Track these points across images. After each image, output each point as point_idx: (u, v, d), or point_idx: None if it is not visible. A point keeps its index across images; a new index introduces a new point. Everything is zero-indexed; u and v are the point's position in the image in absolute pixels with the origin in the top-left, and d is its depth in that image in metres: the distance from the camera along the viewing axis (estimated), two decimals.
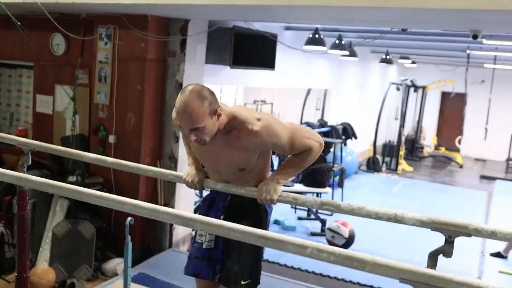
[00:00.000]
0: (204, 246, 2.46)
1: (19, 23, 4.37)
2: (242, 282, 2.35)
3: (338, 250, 1.46)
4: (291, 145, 2.26)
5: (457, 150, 13.74)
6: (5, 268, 4.44)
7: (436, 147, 14.78)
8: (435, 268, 1.88)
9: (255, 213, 2.42)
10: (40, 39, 5.15)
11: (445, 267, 4.99)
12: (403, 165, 11.66)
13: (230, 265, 2.38)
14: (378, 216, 2.01)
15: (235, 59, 5.20)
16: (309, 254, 1.48)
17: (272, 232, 1.57)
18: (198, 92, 2.06)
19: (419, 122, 13.58)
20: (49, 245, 4.49)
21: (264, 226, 2.43)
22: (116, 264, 4.55)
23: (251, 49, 5.60)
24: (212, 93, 2.11)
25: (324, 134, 9.36)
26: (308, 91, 11.17)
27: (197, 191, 6.00)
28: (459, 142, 13.45)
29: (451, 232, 1.87)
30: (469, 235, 1.88)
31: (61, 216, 4.57)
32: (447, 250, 1.90)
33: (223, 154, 2.26)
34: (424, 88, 13.02)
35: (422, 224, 1.93)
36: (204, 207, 2.52)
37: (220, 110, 2.12)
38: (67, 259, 4.43)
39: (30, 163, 2.67)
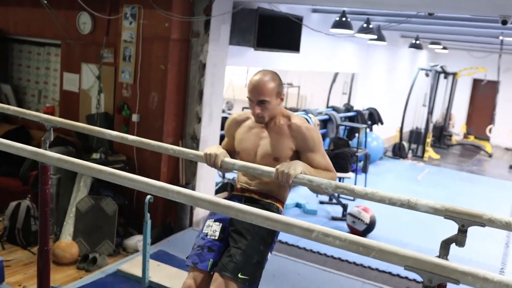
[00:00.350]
0: (207, 236, 2.42)
1: (45, 2, 4.43)
2: (240, 275, 2.24)
3: (344, 235, 1.45)
4: (321, 156, 2.44)
5: (487, 139, 13.45)
6: (31, 240, 4.57)
7: (465, 136, 14.50)
8: (447, 257, 1.86)
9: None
10: (67, 18, 5.22)
11: (466, 257, 4.93)
12: (430, 152, 11.48)
13: (234, 252, 2.29)
14: (391, 202, 1.99)
15: (259, 41, 5.17)
16: (314, 237, 1.48)
17: (278, 215, 1.57)
18: (271, 73, 2.45)
19: (448, 109, 13.31)
20: (73, 220, 4.60)
21: (271, 238, 2.41)
22: (137, 240, 4.64)
23: (275, 31, 5.56)
24: (281, 81, 2.48)
25: (350, 119, 9.28)
26: (335, 75, 11.06)
27: (220, 172, 6.04)
28: (490, 131, 13.15)
29: (465, 221, 1.84)
30: (483, 225, 1.84)
31: (85, 192, 4.67)
32: (460, 239, 1.87)
33: (266, 141, 2.48)
34: (454, 74, 12.72)
35: (435, 211, 1.90)
36: None
37: (283, 95, 2.47)
38: (90, 234, 4.54)
39: (52, 139, 2.72)
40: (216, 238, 2.40)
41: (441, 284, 1.41)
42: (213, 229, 2.42)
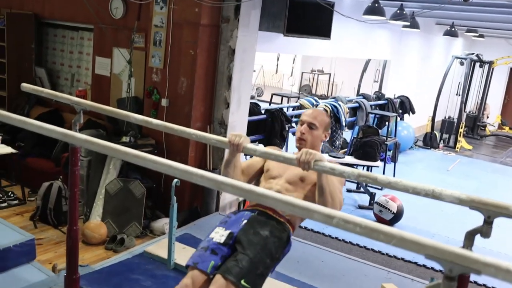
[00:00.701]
0: (213, 239, 2.36)
1: None
2: (243, 282, 2.15)
3: (364, 222, 1.44)
4: (338, 183, 2.45)
5: None
6: (62, 220, 4.70)
7: (500, 126, 14.14)
8: (471, 248, 1.84)
9: (277, 230, 2.39)
10: (99, 3, 5.29)
11: (494, 250, 4.83)
12: (462, 143, 11.25)
13: (241, 257, 2.22)
14: (415, 191, 1.97)
15: (289, 26, 5.13)
16: (335, 224, 1.47)
17: (301, 200, 1.57)
18: (327, 113, 2.83)
19: (483, 99, 12.98)
20: (102, 202, 4.70)
21: (278, 254, 2.36)
22: (164, 223, 4.71)
23: (306, 17, 5.51)
24: (330, 125, 2.72)
25: (380, 107, 9.16)
26: (367, 62, 10.91)
27: (247, 157, 6.07)
28: None
29: (490, 212, 1.81)
30: (509, 216, 1.81)
31: (114, 174, 4.77)
32: (485, 230, 1.84)
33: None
34: (491, 63, 12.38)
35: (461, 202, 1.87)
36: (230, 214, 2.59)
37: (328, 135, 2.67)
38: (118, 216, 4.64)
39: (81, 121, 2.78)
40: (222, 242, 2.33)
41: (463, 274, 1.40)
42: (221, 234, 2.38)
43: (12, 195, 5.09)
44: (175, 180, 3.40)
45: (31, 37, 6.15)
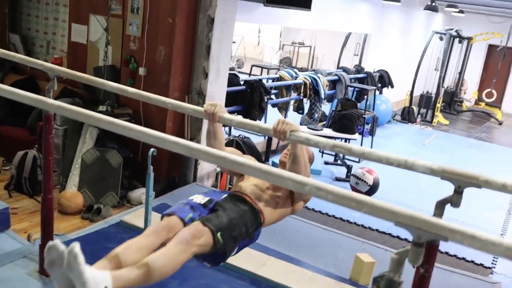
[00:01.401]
0: (193, 200, 2.31)
1: None
2: (219, 234, 2.10)
3: (336, 190, 1.46)
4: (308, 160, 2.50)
5: (498, 107, 13.30)
6: (37, 189, 4.64)
7: (477, 102, 14.34)
8: (441, 217, 1.88)
9: (253, 212, 2.35)
10: None
11: (466, 222, 4.94)
12: (439, 118, 11.40)
13: (221, 214, 2.18)
14: (388, 162, 1.99)
15: None
16: (308, 191, 1.49)
17: (274, 167, 1.58)
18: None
19: (460, 74, 13.12)
20: (78, 171, 4.66)
21: (252, 228, 2.32)
22: (141, 193, 4.70)
23: None
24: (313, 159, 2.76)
25: (359, 81, 9.19)
26: (348, 36, 10.89)
27: (226, 129, 6.06)
28: (486, 95, 13.10)
29: (461, 182, 1.84)
30: (479, 186, 1.85)
31: (91, 143, 4.72)
32: (455, 200, 1.88)
33: None
34: (469, 39, 12.47)
35: (432, 172, 1.90)
36: (209, 190, 2.56)
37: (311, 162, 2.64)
38: (95, 185, 4.61)
39: (55, 88, 2.73)
40: (202, 203, 2.29)
41: (431, 242, 1.43)
42: (201, 198, 2.34)
43: None
44: (152, 149, 3.38)
45: (4, 1, 5.97)
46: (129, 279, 1.81)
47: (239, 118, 2.34)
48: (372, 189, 5.75)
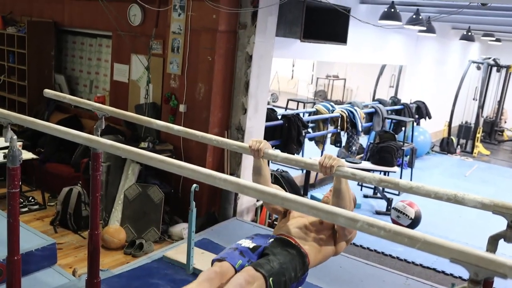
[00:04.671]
0: (242, 244, 2.36)
1: None
2: (271, 280, 2.13)
3: (389, 226, 1.45)
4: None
5: None
6: (81, 225, 4.76)
7: None
8: (494, 253, 1.83)
9: (301, 255, 2.38)
10: (118, 10, 5.36)
11: None
12: (480, 148, 11.14)
13: (272, 259, 2.22)
14: (437, 196, 1.97)
15: (306, 32, 5.16)
16: (359, 227, 1.48)
17: (325, 204, 1.58)
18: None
19: (500, 104, 12.85)
20: (121, 207, 4.75)
21: (300, 273, 2.35)
22: (182, 228, 4.74)
23: (322, 23, 5.53)
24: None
25: (396, 112, 9.12)
26: (382, 68, 10.87)
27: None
28: None
29: None
30: None
31: (133, 179, 4.81)
32: (509, 235, 1.83)
33: None
34: (508, 67, 12.24)
35: (483, 206, 1.87)
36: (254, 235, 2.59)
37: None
38: (137, 221, 4.68)
39: (103, 127, 2.81)
40: (250, 247, 2.34)
41: (488, 278, 1.40)
42: (248, 242, 2.39)
43: (32, 200, 5.17)
44: (194, 185, 3.42)
45: (51, 44, 6.26)
46: None
47: (284, 154, 2.36)
48: (414, 223, 5.63)
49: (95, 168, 2.89)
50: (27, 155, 5.07)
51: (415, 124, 8.98)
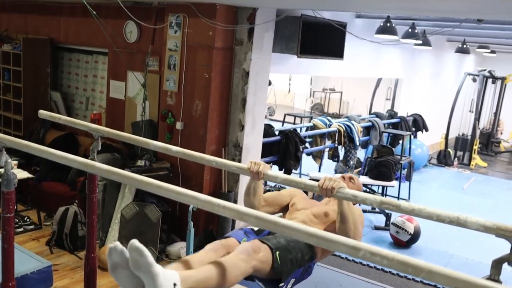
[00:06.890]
0: (247, 227, 2.45)
1: (94, 12, 4.55)
2: (277, 253, 2.19)
3: (392, 255, 1.42)
4: (359, 216, 2.57)
5: None
6: (78, 245, 4.70)
7: None
8: (498, 277, 1.79)
9: (306, 245, 2.40)
10: (114, 27, 5.35)
11: None
12: (477, 160, 11.14)
13: (279, 235, 2.26)
14: (439, 219, 1.94)
15: (303, 48, 5.15)
16: (362, 256, 1.45)
17: (325, 232, 1.55)
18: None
19: (496, 115, 12.88)
20: (118, 226, 4.70)
21: (308, 257, 2.39)
22: (180, 247, 4.69)
23: (319, 38, 5.53)
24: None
25: (393, 126, 9.12)
26: (379, 81, 10.90)
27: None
28: None
29: None
30: None
31: (130, 198, 4.77)
32: None
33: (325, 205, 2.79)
34: (503, 79, 12.30)
35: (486, 229, 1.84)
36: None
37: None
38: None
39: (99, 148, 2.78)
40: (255, 230, 2.43)
41: None
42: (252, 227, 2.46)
43: (28, 220, 5.11)
44: (192, 205, 3.39)
45: (47, 61, 6.24)
46: (195, 279, 1.87)
47: (284, 175, 2.33)
48: (413, 238, 5.60)
49: (91, 190, 2.86)
50: (22, 174, 5.02)
51: (412, 137, 8.98)
